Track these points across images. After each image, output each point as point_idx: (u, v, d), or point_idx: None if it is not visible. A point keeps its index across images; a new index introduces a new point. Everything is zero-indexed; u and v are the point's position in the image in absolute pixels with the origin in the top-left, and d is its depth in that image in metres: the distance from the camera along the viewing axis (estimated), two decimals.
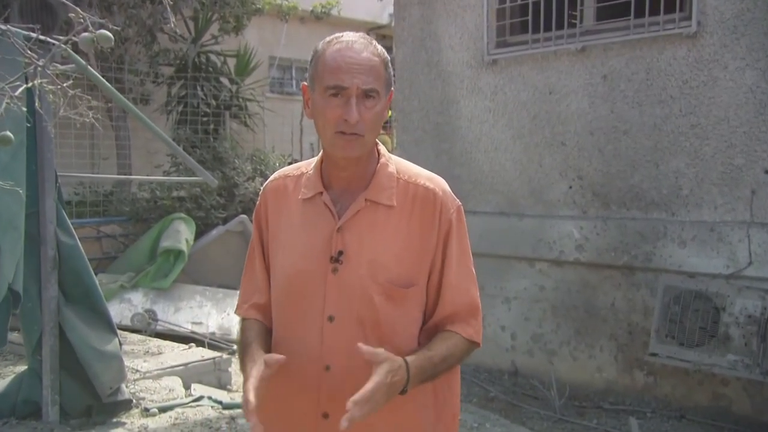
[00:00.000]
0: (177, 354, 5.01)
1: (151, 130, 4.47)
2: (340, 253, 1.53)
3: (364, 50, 1.49)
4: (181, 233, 7.00)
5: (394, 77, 1.58)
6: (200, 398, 4.21)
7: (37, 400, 3.75)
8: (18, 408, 3.78)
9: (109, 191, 8.40)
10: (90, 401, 3.79)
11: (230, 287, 6.88)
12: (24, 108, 2.15)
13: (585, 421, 4.37)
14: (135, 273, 6.77)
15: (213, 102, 9.43)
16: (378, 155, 1.61)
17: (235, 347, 5.38)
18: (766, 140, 4.06)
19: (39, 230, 3.65)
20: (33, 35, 2.35)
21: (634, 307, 4.55)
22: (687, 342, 4.16)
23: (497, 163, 5.22)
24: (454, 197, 1.61)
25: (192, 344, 5.43)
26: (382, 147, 1.63)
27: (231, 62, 10.34)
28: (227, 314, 6.35)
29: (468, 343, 1.58)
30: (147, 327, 6.10)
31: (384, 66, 1.51)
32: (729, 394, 4.21)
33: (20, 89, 1.98)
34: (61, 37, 2.15)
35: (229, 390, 4.72)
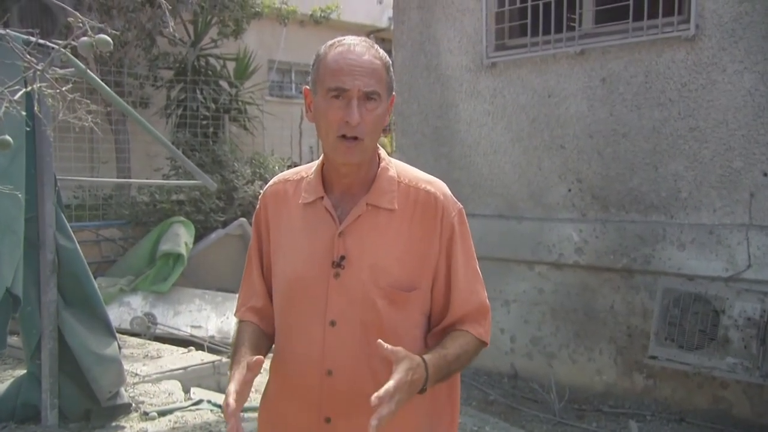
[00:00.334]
0: (176, 357, 5.01)
1: (151, 134, 4.47)
2: (342, 258, 1.52)
3: (366, 53, 1.49)
4: (181, 237, 7.01)
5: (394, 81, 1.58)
6: (199, 402, 4.21)
7: (36, 404, 3.75)
8: (17, 412, 3.77)
9: (109, 195, 8.41)
10: (89, 405, 3.79)
11: (229, 290, 6.88)
12: (23, 112, 2.15)
13: (584, 425, 4.36)
14: (134, 276, 6.77)
15: (212, 105, 9.44)
16: (378, 159, 1.61)
17: None
18: (765, 143, 4.07)
19: (38, 234, 3.65)
20: (32, 39, 2.36)
21: (634, 310, 4.55)
22: (686, 345, 4.16)
23: (496, 166, 5.22)
24: (455, 200, 1.61)
25: (191, 348, 5.43)
26: (383, 151, 1.64)
27: (230, 66, 10.37)
28: (226, 317, 6.34)
29: (478, 342, 1.59)
30: (146, 330, 6.10)
31: (385, 69, 1.52)
32: (728, 397, 4.21)
33: (19, 93, 1.98)
34: (61, 41, 2.16)
35: None
